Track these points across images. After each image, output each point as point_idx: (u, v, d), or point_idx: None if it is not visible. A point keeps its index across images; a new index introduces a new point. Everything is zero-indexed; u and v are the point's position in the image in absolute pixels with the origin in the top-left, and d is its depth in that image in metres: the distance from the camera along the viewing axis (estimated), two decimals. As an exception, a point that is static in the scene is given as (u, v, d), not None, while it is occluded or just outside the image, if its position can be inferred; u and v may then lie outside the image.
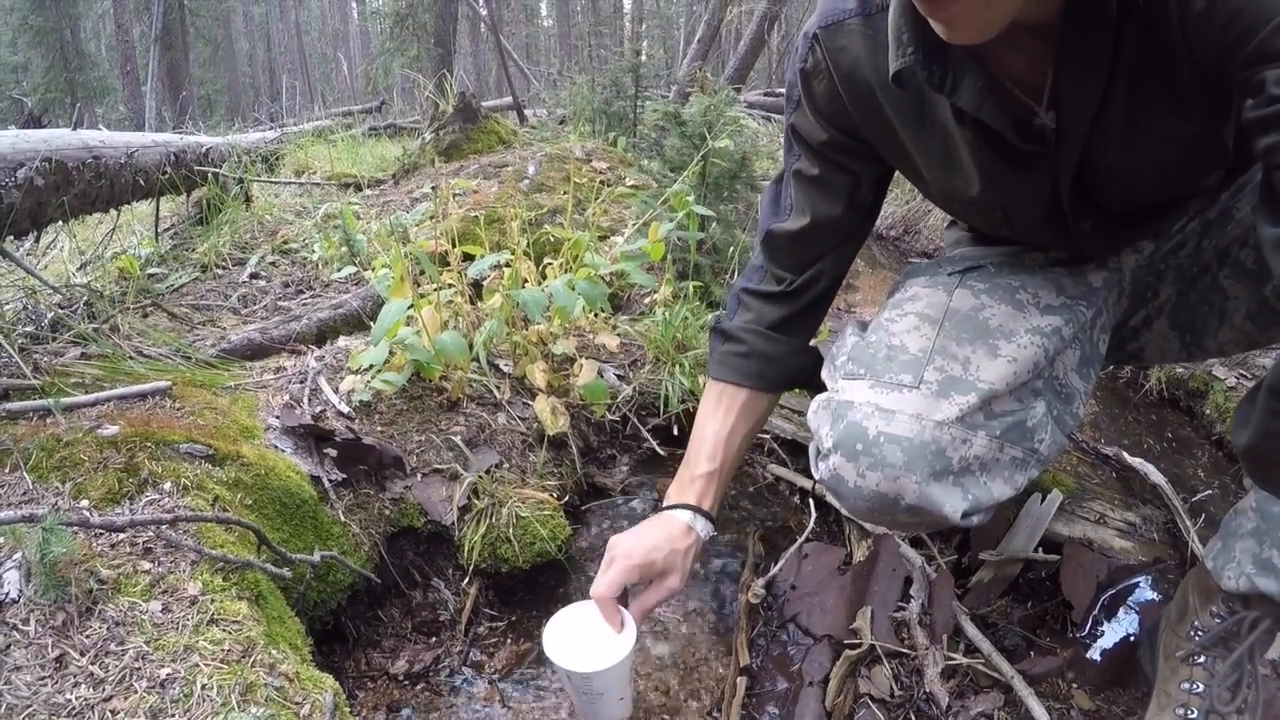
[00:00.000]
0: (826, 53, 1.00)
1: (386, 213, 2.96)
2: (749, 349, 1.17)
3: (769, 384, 1.18)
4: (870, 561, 1.40)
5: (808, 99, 1.06)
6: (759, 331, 1.17)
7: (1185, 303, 1.15)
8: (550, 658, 1.05)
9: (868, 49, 0.96)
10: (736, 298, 1.21)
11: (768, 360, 1.16)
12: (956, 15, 0.74)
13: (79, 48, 16.93)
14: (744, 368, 1.18)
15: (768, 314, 1.17)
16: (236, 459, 1.21)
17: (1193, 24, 0.73)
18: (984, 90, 0.86)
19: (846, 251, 1.18)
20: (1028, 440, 0.99)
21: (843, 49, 0.99)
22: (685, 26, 14.88)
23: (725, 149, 2.33)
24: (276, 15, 31.37)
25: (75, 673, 0.83)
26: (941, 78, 0.86)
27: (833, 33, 0.99)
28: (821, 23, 1.00)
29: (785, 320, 1.17)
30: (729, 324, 1.20)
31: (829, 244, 1.15)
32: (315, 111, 9.82)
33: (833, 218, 1.12)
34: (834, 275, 1.18)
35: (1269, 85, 0.65)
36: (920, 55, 0.85)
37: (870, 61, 0.96)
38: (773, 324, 1.17)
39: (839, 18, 0.98)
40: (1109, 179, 0.94)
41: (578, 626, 1.09)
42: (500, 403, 1.66)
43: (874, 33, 0.94)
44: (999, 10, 0.74)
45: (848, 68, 0.99)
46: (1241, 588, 1.02)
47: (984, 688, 1.21)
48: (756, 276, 1.20)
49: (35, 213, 1.87)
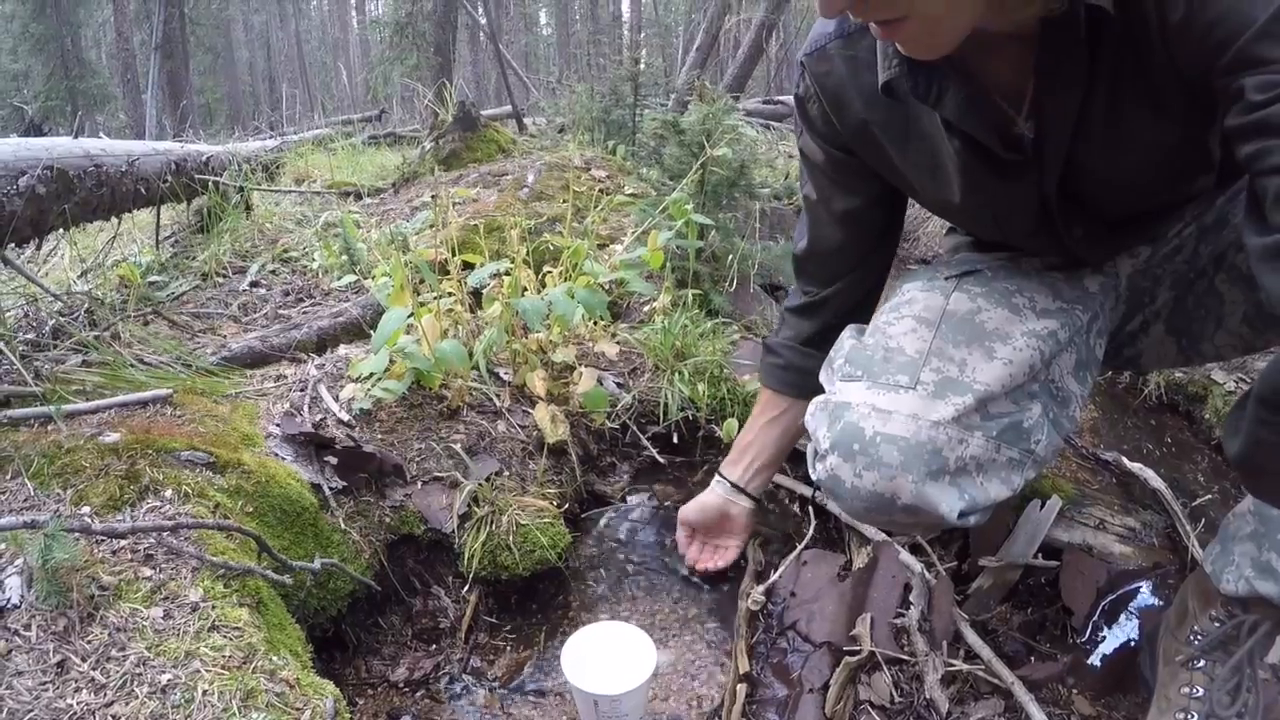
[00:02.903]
0: (813, 78, 1.06)
1: (386, 221, 2.96)
2: (786, 362, 1.35)
3: (801, 392, 1.28)
4: (870, 568, 1.40)
5: (805, 123, 1.13)
6: (794, 347, 1.33)
7: (1182, 307, 1.16)
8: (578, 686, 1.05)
9: (849, 70, 1.01)
10: (781, 316, 1.39)
11: (801, 372, 1.30)
12: (904, 39, 0.80)
13: (80, 56, 16.99)
14: (782, 378, 1.36)
15: (802, 330, 1.33)
16: (237, 466, 1.22)
17: (1172, 33, 0.74)
18: (967, 101, 0.88)
19: (867, 271, 1.27)
20: (1024, 441, 0.99)
21: (826, 73, 1.04)
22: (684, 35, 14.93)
23: (724, 157, 2.33)
24: (276, 24, 31.46)
25: (77, 678, 0.83)
26: (926, 88, 0.88)
27: (816, 59, 1.04)
28: (807, 49, 1.06)
29: (814, 335, 1.30)
30: (773, 340, 1.38)
31: (841, 264, 1.25)
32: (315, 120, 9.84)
33: (839, 241, 1.22)
34: (856, 294, 1.28)
35: (1248, 92, 0.66)
36: (905, 67, 0.88)
37: (853, 81, 1.01)
38: (805, 339, 1.32)
39: (820, 43, 1.03)
40: (1094, 186, 0.95)
41: (593, 650, 1.10)
42: (500, 410, 1.66)
43: (854, 53, 0.99)
44: (945, 34, 0.78)
45: (833, 90, 1.04)
46: (1240, 591, 1.02)
47: (984, 694, 1.21)
48: (794, 295, 1.35)
49: (37, 220, 1.88)
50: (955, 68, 0.87)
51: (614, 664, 1.08)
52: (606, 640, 1.12)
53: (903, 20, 0.76)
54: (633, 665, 1.07)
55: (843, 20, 0.99)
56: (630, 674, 1.06)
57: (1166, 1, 0.73)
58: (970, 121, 0.89)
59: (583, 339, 1.97)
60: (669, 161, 2.57)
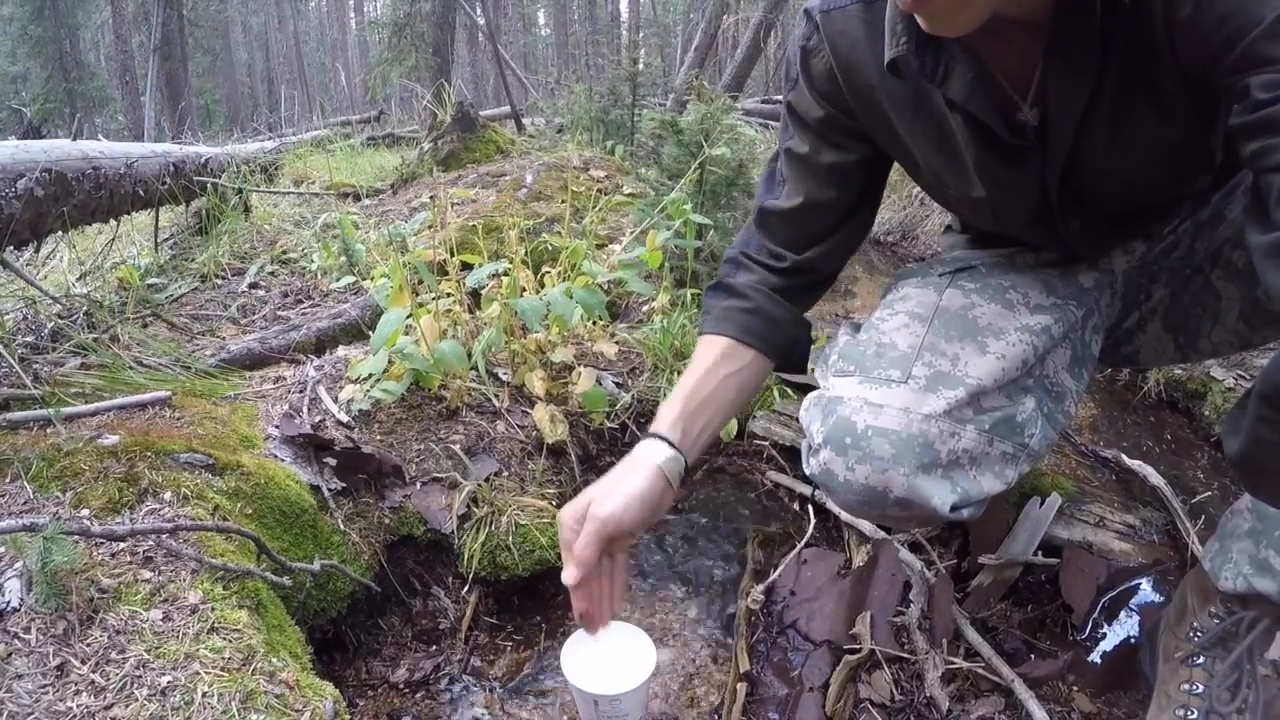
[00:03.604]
0: (826, 37, 1.00)
1: (385, 222, 2.96)
2: (755, 306, 1.09)
3: (771, 347, 1.10)
4: (869, 567, 1.40)
5: (805, 76, 1.04)
6: (765, 292, 1.11)
7: (1178, 304, 1.16)
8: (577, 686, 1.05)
9: (867, 35, 0.95)
10: (736, 260, 1.14)
11: (772, 322, 1.09)
12: (934, 10, 0.76)
13: (78, 58, 16.99)
14: (749, 324, 1.09)
15: (770, 279, 1.11)
16: (236, 468, 1.22)
17: (1179, 30, 0.74)
18: (974, 82, 0.86)
19: (843, 240, 1.13)
20: (1017, 435, 0.99)
21: (841, 33, 0.98)
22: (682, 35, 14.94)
23: (722, 157, 2.34)
24: (275, 25, 31.47)
25: (76, 681, 0.83)
26: (934, 68, 0.87)
27: (832, 17, 0.98)
28: (822, 6, 0.99)
29: (786, 289, 1.11)
30: (735, 280, 1.12)
31: (823, 226, 1.11)
32: (314, 121, 9.85)
33: (826, 199, 1.09)
34: (832, 264, 1.14)
35: (1254, 91, 0.66)
36: (913, 45, 0.86)
37: (869, 47, 0.96)
38: (776, 288, 1.11)
39: (840, 3, 0.97)
40: (1095, 181, 0.95)
41: (591, 650, 1.10)
42: (499, 411, 1.66)
43: (873, 19, 0.93)
44: (976, 7, 0.75)
45: (845, 52, 0.99)
46: (1239, 588, 1.02)
47: (984, 692, 1.21)
48: (754, 246, 1.14)
49: (35, 223, 1.88)
50: (965, 49, 0.86)
51: (614, 664, 1.08)
52: (606, 640, 1.12)
53: None
54: (633, 665, 1.07)
55: None
56: (630, 674, 1.06)
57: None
58: (976, 102, 0.88)
59: (581, 339, 1.97)
60: (667, 161, 2.57)
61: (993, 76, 0.89)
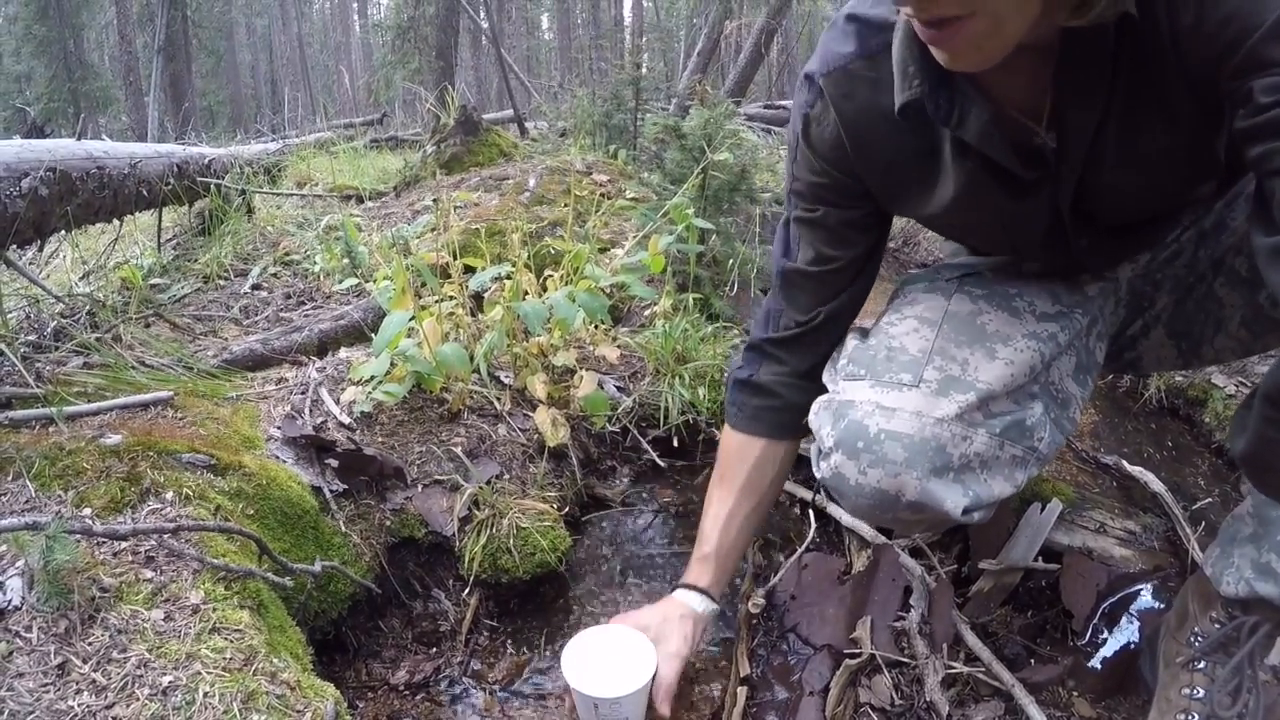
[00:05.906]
0: (831, 100, 0.98)
1: (388, 225, 2.97)
2: (784, 402, 1.17)
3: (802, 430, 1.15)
4: (870, 571, 1.40)
5: (806, 143, 1.05)
6: (792, 383, 1.17)
7: (1182, 311, 1.16)
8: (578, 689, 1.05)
9: (872, 91, 0.94)
10: (758, 350, 1.20)
11: (799, 412, 1.12)
12: (960, 46, 0.74)
13: (82, 58, 17.02)
14: (780, 420, 1.19)
15: (797, 363, 1.17)
16: (238, 469, 1.22)
17: (1183, 36, 0.74)
18: (990, 124, 0.86)
19: (860, 288, 1.16)
20: (1027, 439, 1.00)
21: (847, 95, 0.97)
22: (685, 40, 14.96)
23: (725, 162, 2.35)
24: (279, 27, 31.54)
25: (77, 680, 0.83)
26: (948, 111, 0.85)
27: (835, 79, 0.97)
28: (823, 69, 0.98)
29: (816, 367, 1.14)
30: (758, 376, 1.19)
31: (842, 281, 1.14)
32: (317, 123, 9.86)
33: (840, 255, 1.12)
34: (850, 312, 1.17)
35: (1257, 94, 0.66)
36: (927, 88, 0.85)
37: (875, 102, 0.94)
38: (805, 373, 1.16)
39: (841, 63, 0.96)
40: (1106, 196, 0.94)
41: (593, 653, 1.10)
42: (501, 414, 1.66)
43: (878, 74, 0.92)
44: (1002, 40, 0.74)
45: (853, 114, 0.98)
46: (1240, 593, 1.02)
47: (984, 696, 1.21)
48: (774, 322, 1.18)
49: (39, 222, 1.88)
50: (976, 87, 0.85)
51: (614, 667, 1.08)
52: (607, 643, 1.12)
53: (965, 20, 0.71)
54: (633, 668, 1.08)
55: (863, 37, 0.94)
56: (630, 677, 1.06)
57: (1177, 5, 0.73)
58: (990, 143, 0.87)
59: (583, 343, 1.97)
60: (670, 166, 2.58)
61: (1005, 112, 0.88)
